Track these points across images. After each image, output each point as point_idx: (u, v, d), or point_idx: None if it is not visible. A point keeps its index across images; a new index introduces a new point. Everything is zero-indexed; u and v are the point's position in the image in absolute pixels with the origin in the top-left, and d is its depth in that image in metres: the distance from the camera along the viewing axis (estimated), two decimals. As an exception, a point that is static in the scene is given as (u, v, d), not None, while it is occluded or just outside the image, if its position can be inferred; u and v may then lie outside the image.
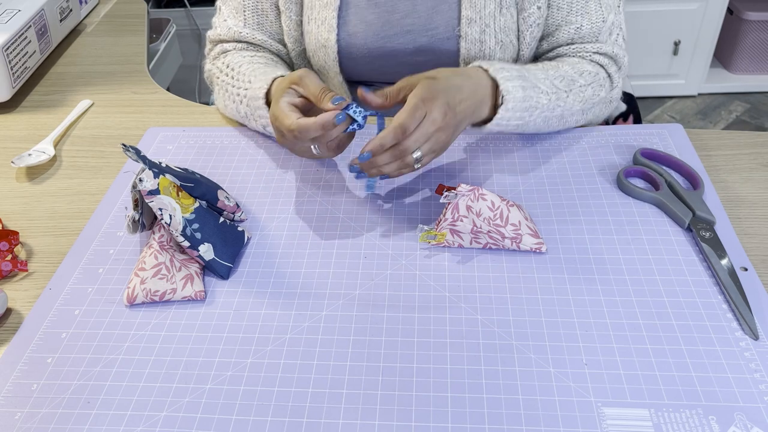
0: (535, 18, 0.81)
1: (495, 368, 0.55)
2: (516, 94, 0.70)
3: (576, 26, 0.81)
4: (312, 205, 0.73)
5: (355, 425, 0.51)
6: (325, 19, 0.82)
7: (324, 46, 0.83)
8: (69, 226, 0.73)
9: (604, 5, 0.81)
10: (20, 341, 0.60)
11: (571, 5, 0.81)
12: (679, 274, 0.62)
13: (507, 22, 0.81)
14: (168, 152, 0.83)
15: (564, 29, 0.82)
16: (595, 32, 0.81)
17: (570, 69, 0.78)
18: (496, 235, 0.64)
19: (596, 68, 0.80)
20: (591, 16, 0.81)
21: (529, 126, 0.75)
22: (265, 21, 0.87)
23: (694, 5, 2.12)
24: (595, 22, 0.81)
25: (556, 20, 0.82)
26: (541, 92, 0.73)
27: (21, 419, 0.53)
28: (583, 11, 0.81)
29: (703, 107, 2.30)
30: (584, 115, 0.80)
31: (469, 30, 0.80)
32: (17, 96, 0.99)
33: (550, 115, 0.75)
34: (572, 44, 0.82)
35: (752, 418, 0.50)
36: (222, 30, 0.88)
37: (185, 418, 0.53)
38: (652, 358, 0.55)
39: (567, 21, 0.82)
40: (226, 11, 0.88)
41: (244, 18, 0.87)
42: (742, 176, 0.74)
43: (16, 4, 1.03)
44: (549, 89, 0.74)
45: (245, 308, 0.62)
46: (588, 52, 0.81)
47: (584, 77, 0.78)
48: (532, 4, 0.80)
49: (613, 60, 0.82)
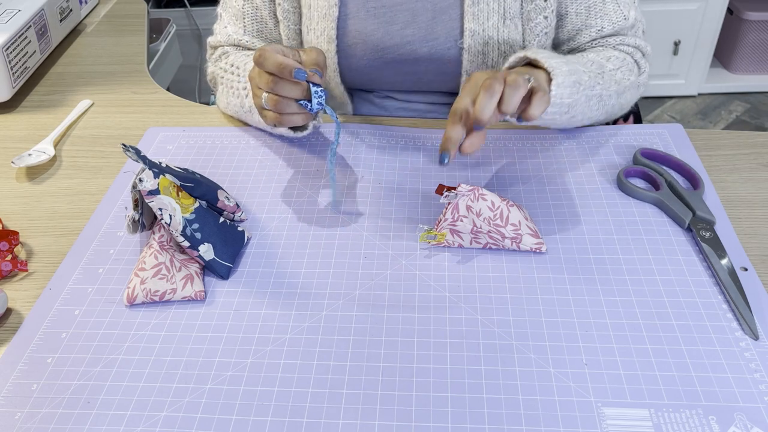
0: (542, 27, 0.80)
1: (495, 368, 0.55)
2: (562, 68, 0.68)
3: (597, 29, 0.81)
4: (312, 205, 0.73)
5: (355, 425, 0.51)
6: (324, 30, 0.82)
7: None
8: (69, 226, 0.73)
9: (622, 3, 0.81)
10: (20, 341, 0.60)
11: (589, 9, 0.81)
12: (679, 274, 0.62)
13: (511, 34, 0.80)
14: (168, 152, 0.83)
15: (585, 33, 0.82)
16: (617, 30, 0.81)
17: (595, 56, 0.78)
18: (496, 235, 0.64)
19: (622, 54, 0.80)
20: (611, 17, 0.81)
21: (576, 107, 0.72)
22: (264, 29, 0.88)
23: (694, 5, 2.12)
24: (617, 21, 0.81)
25: (576, 25, 0.82)
26: (580, 70, 0.72)
27: (21, 419, 0.53)
28: (601, 13, 0.81)
29: (703, 107, 2.30)
30: (619, 98, 0.79)
31: (472, 42, 0.79)
32: (17, 96, 0.99)
33: (591, 94, 0.73)
34: (593, 41, 0.82)
35: (752, 418, 0.50)
36: (222, 37, 0.89)
37: (185, 418, 0.53)
38: (652, 358, 0.55)
39: (587, 24, 0.81)
40: (227, 18, 0.89)
41: (243, 25, 0.87)
42: (742, 176, 0.74)
43: (16, 4, 1.03)
44: (585, 69, 0.73)
45: (245, 308, 0.62)
46: (611, 44, 0.82)
47: (612, 62, 0.78)
48: (538, 14, 0.79)
49: (636, 48, 0.82)
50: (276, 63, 0.64)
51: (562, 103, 0.69)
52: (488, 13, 0.79)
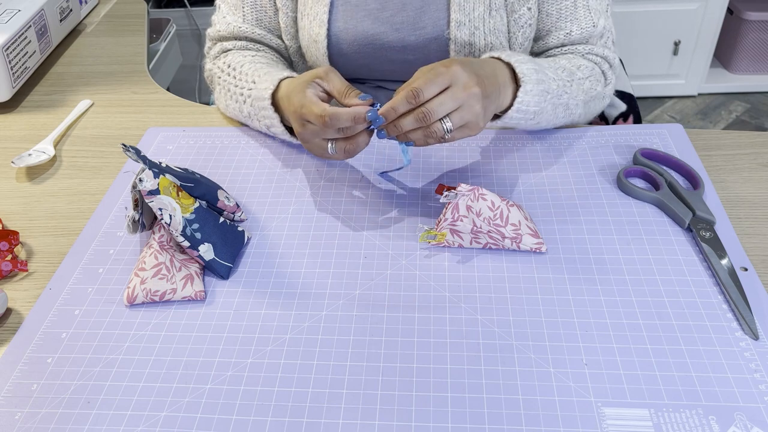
0: (527, 19, 0.81)
1: (495, 368, 0.55)
2: (531, 77, 0.70)
3: (566, 32, 0.82)
4: (312, 205, 0.73)
5: (355, 425, 0.51)
6: (317, 15, 0.83)
7: (315, 41, 0.84)
8: (69, 226, 0.73)
9: (593, 10, 0.82)
10: (20, 341, 0.60)
11: (560, 11, 0.82)
12: (679, 274, 0.62)
13: (497, 24, 0.81)
14: (168, 152, 0.83)
15: (554, 35, 0.83)
16: (585, 37, 0.82)
17: (567, 63, 0.79)
18: (496, 235, 0.64)
19: (591, 64, 0.82)
20: (580, 22, 0.82)
21: (542, 114, 0.73)
22: (264, 17, 0.88)
23: (694, 5, 2.12)
24: (585, 27, 0.82)
25: (546, 26, 0.83)
26: (550, 78, 0.73)
27: (21, 419, 0.53)
28: (572, 17, 0.82)
29: (703, 107, 2.30)
30: (585, 107, 0.80)
31: (458, 33, 0.80)
32: (17, 96, 0.99)
33: (558, 102, 0.75)
34: (563, 46, 0.84)
35: (752, 418, 0.50)
36: (221, 26, 0.89)
37: (185, 418, 0.53)
38: (652, 358, 0.55)
39: (557, 27, 0.83)
40: (225, 8, 0.89)
41: (243, 14, 0.87)
42: (742, 176, 0.74)
43: (16, 4, 1.03)
44: (555, 76, 0.74)
45: (245, 308, 0.62)
46: (580, 52, 0.83)
47: (582, 70, 0.79)
48: (522, 6, 0.80)
49: (604, 59, 0.83)
50: (349, 117, 0.63)
51: (527, 110, 0.71)
52: (474, 4, 0.79)
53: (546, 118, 0.75)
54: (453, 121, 0.62)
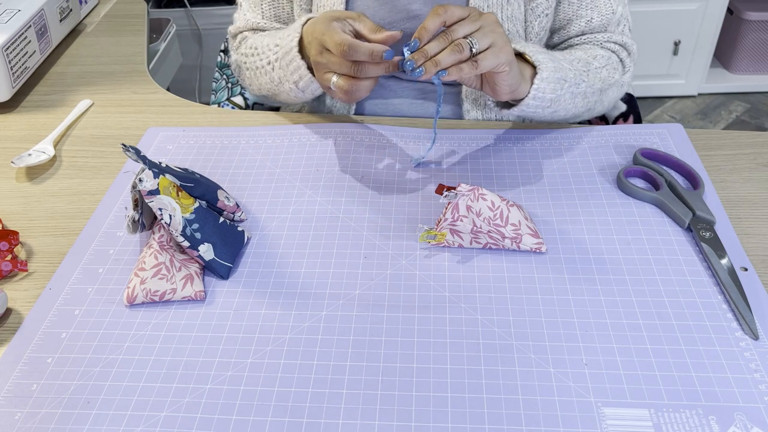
0: (543, 8, 0.83)
1: (495, 368, 0.55)
2: (548, 65, 0.71)
3: (587, 19, 0.84)
4: (312, 205, 0.73)
5: (355, 425, 0.51)
6: (333, 6, 0.84)
7: None
8: (69, 226, 0.73)
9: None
10: (20, 341, 0.60)
11: (581, 0, 0.84)
12: (679, 274, 0.62)
13: (514, 12, 0.82)
14: (168, 152, 0.83)
15: (575, 23, 0.85)
16: (604, 24, 0.84)
17: (583, 54, 0.81)
18: (496, 235, 0.64)
19: (608, 53, 0.83)
20: (600, 9, 0.84)
21: (559, 102, 0.75)
22: (282, 13, 0.91)
23: (694, 5, 2.12)
24: (605, 14, 0.84)
25: (567, 14, 0.85)
26: (566, 68, 0.75)
27: (21, 419, 0.53)
28: (592, 5, 0.84)
29: (703, 107, 2.30)
30: (602, 95, 0.81)
31: None
32: (17, 96, 0.99)
33: (576, 92, 0.76)
34: (583, 35, 0.85)
35: (752, 418, 0.50)
36: (241, 23, 0.93)
37: (185, 418, 0.53)
38: (652, 358, 0.55)
39: (578, 15, 0.85)
40: (246, 5, 0.93)
41: (261, 11, 0.92)
42: (742, 176, 0.74)
43: (16, 4, 1.03)
44: (571, 66, 0.76)
45: (245, 308, 0.62)
46: (598, 41, 0.84)
47: (598, 60, 0.81)
48: None
49: (622, 47, 0.85)
50: (367, 51, 0.65)
51: (543, 98, 0.72)
52: None
53: (564, 107, 0.76)
54: (479, 42, 0.64)
